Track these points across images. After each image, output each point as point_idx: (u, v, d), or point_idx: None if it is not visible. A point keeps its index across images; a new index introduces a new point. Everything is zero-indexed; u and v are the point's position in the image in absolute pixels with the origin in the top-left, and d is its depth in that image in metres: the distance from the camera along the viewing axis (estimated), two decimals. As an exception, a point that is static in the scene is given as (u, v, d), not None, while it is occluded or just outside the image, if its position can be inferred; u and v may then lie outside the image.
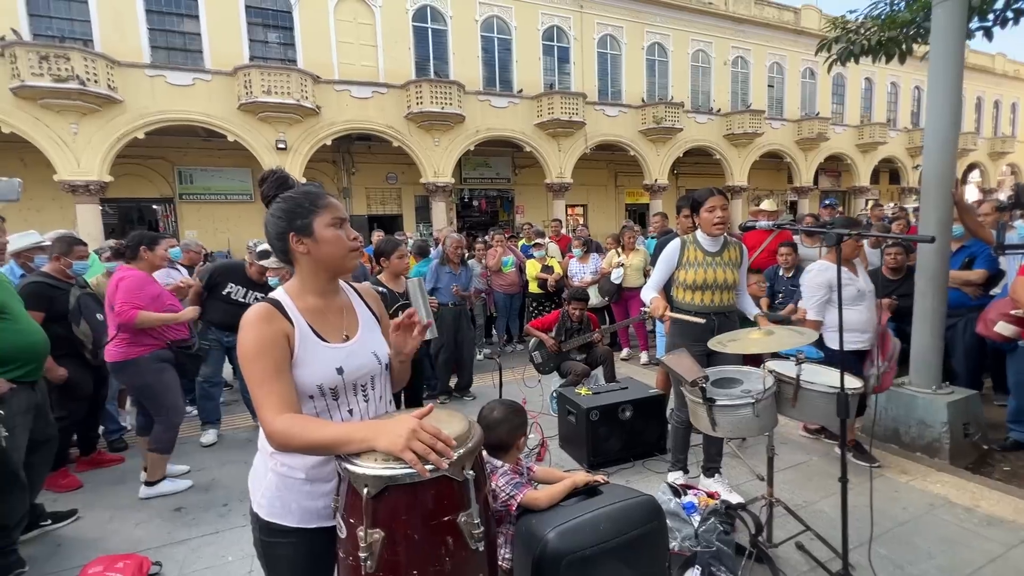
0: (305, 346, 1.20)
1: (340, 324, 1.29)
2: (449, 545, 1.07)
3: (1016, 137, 27.84)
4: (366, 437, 1.06)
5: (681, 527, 2.23)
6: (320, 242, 1.21)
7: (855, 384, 2.20)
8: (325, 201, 1.22)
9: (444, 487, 1.07)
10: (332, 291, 1.30)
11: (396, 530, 1.04)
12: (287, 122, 13.01)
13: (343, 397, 1.23)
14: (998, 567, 2.23)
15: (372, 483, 1.03)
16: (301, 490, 1.21)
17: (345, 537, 1.11)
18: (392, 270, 3.26)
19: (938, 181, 3.25)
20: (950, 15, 3.08)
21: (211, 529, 2.79)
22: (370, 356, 1.28)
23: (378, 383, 1.31)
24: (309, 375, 1.18)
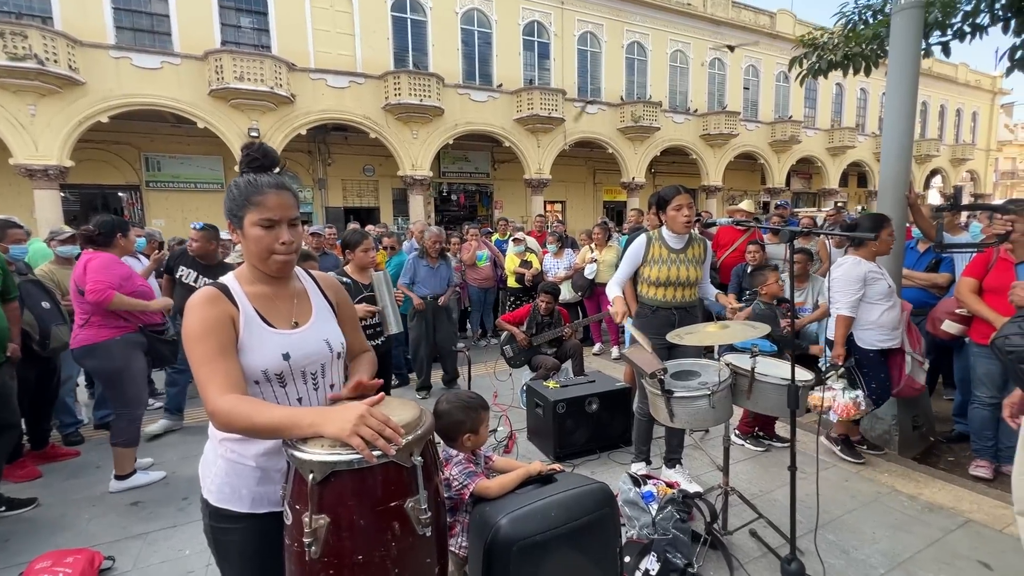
0: (250, 330, 1.19)
1: (290, 311, 1.27)
2: (395, 531, 1.08)
3: (976, 144, 29.04)
4: (314, 422, 1.06)
5: (639, 516, 2.28)
6: (246, 237, 1.20)
7: (806, 377, 2.28)
8: (259, 198, 1.18)
9: (391, 473, 1.08)
10: (282, 280, 1.29)
11: (342, 516, 1.05)
12: (260, 110, 12.70)
13: (291, 384, 1.23)
14: (936, 550, 2.35)
15: (318, 469, 1.04)
16: (251, 476, 1.21)
17: (291, 523, 1.10)
18: (357, 263, 3.22)
19: (894, 184, 3.38)
20: (907, 24, 3.19)
21: (169, 523, 2.74)
22: (320, 344, 1.27)
23: (329, 372, 1.30)
24: (254, 360, 1.18)
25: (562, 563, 1.42)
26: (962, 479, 3.03)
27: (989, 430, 3.04)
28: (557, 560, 1.40)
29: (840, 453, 3.25)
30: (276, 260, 1.22)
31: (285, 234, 1.21)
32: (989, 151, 30.38)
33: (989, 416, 3.01)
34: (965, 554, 2.32)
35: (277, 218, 1.19)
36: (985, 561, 2.26)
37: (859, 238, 2.91)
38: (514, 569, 1.35)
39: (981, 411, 3.06)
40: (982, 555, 2.30)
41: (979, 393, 3.05)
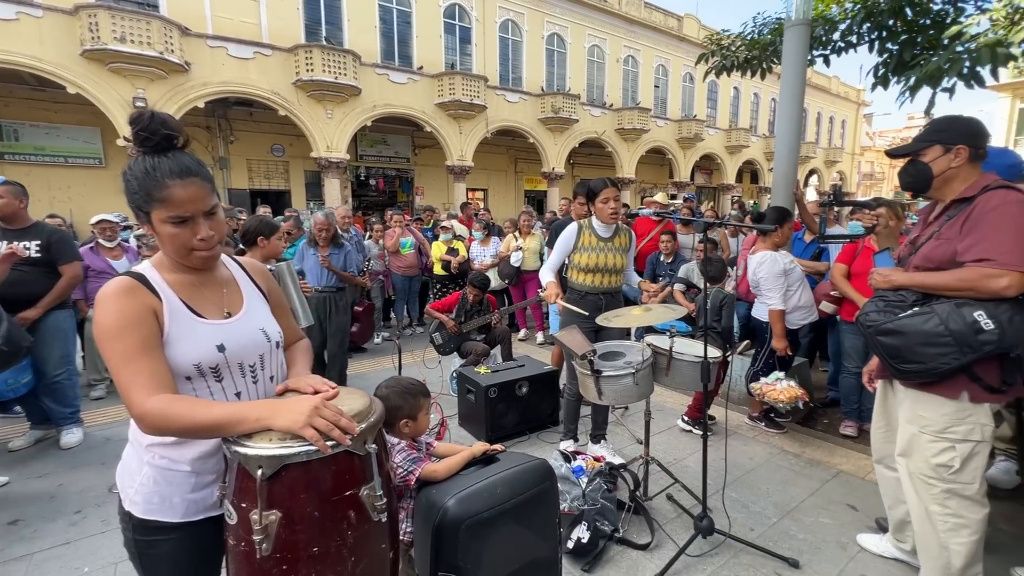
0: (177, 322, 1.10)
1: (220, 299, 1.19)
2: (351, 519, 1.08)
3: (844, 148, 33.21)
4: (262, 416, 1.02)
5: (571, 489, 2.43)
6: (158, 234, 1.10)
7: (716, 354, 2.54)
8: (163, 193, 1.05)
9: (346, 462, 1.07)
10: (207, 268, 1.20)
11: (295, 509, 1.03)
12: (147, 77, 11.30)
13: (228, 378, 1.15)
14: (816, 498, 2.75)
15: (267, 463, 1.00)
16: (185, 482, 1.13)
17: (236, 523, 1.06)
18: (270, 252, 3.01)
19: (784, 181, 3.81)
20: (796, 38, 3.60)
21: (60, 540, 2.45)
22: (257, 333, 1.21)
23: (269, 363, 1.24)
24: (183, 353, 1.09)
25: (508, 537, 1.49)
26: (834, 438, 3.54)
27: (855, 395, 3.57)
28: (503, 534, 1.47)
29: (765, 428, 3.65)
30: (198, 256, 1.12)
31: (203, 229, 1.09)
32: (854, 155, 34.88)
33: (855, 383, 3.54)
34: (838, 499, 2.74)
35: (189, 214, 1.07)
36: (853, 504, 2.69)
37: (763, 229, 3.26)
38: (462, 546, 1.40)
39: (848, 379, 3.58)
40: (850, 499, 2.74)
41: (847, 364, 3.57)
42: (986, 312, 1.63)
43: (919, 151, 1.82)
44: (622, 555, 2.29)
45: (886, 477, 2.18)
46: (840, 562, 2.25)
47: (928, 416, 1.82)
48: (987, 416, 1.75)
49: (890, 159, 2.07)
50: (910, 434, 1.88)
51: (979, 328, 1.63)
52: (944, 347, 1.69)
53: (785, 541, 2.39)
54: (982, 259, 1.63)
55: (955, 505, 1.80)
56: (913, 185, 1.86)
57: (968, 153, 1.75)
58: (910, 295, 1.82)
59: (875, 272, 1.97)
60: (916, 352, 1.74)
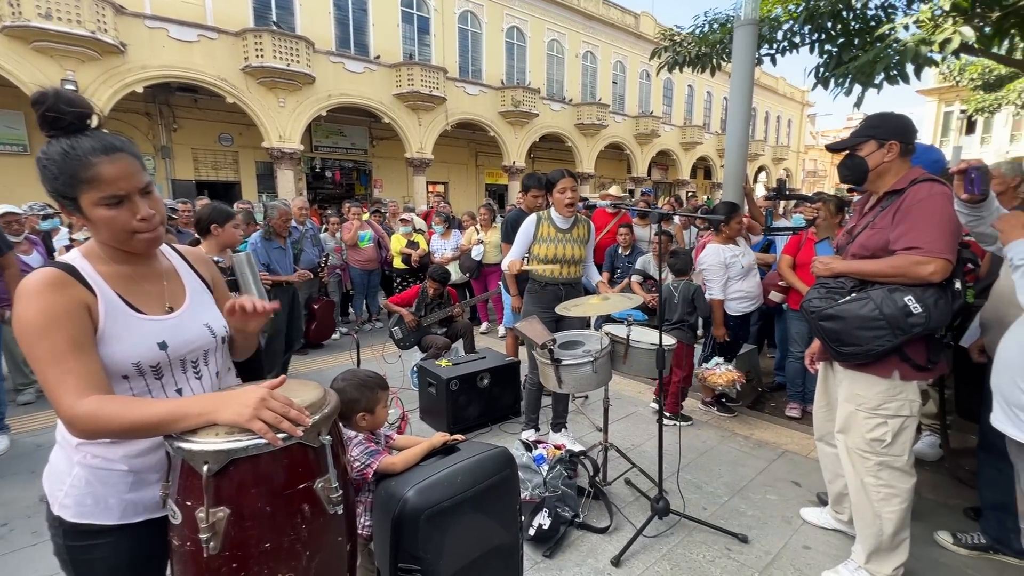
0: (114, 319, 1.02)
1: (160, 293, 1.12)
2: (305, 513, 1.05)
3: (790, 147, 34.86)
4: (205, 410, 0.97)
5: (532, 477, 2.45)
6: (91, 220, 1.00)
7: (671, 342, 2.62)
8: (89, 173, 0.95)
9: (299, 455, 1.04)
10: (144, 259, 1.12)
11: (244, 505, 0.99)
12: (77, 58, 10.50)
13: (168, 376, 1.09)
14: (763, 477, 2.90)
15: (213, 459, 0.96)
16: (121, 482, 1.05)
17: (180, 522, 1.01)
18: (225, 241, 2.88)
19: (734, 175, 3.96)
20: (745, 37, 3.73)
21: (-15, 555, 2.26)
22: (202, 329, 1.15)
23: (213, 359, 1.17)
24: (122, 352, 1.02)
25: (469, 525, 1.49)
26: (781, 419, 3.73)
27: (800, 379, 3.77)
28: (464, 523, 1.47)
29: (717, 412, 3.79)
30: (142, 240, 1.04)
31: (142, 207, 1.01)
32: (799, 153, 36.70)
33: (800, 368, 3.73)
34: (783, 477, 2.89)
35: (124, 192, 0.99)
36: (796, 481, 2.85)
37: (713, 220, 3.39)
38: (423, 537, 1.39)
39: (794, 363, 3.77)
40: (795, 476, 2.89)
41: (793, 349, 3.76)
42: (915, 297, 1.75)
43: (856, 146, 1.93)
44: (582, 539, 2.34)
45: (826, 453, 2.31)
46: (785, 535, 2.38)
47: (864, 394, 1.94)
48: (915, 393, 1.89)
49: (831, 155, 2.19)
50: (848, 412, 2.01)
51: (909, 312, 1.75)
52: (879, 330, 1.80)
53: (735, 518, 2.50)
54: (911, 247, 1.75)
55: (887, 476, 1.93)
56: (851, 178, 1.97)
57: (899, 148, 1.86)
58: (848, 282, 1.93)
59: (817, 260, 2.08)
60: (854, 335, 1.85)
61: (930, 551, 2.23)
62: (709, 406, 3.83)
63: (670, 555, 2.23)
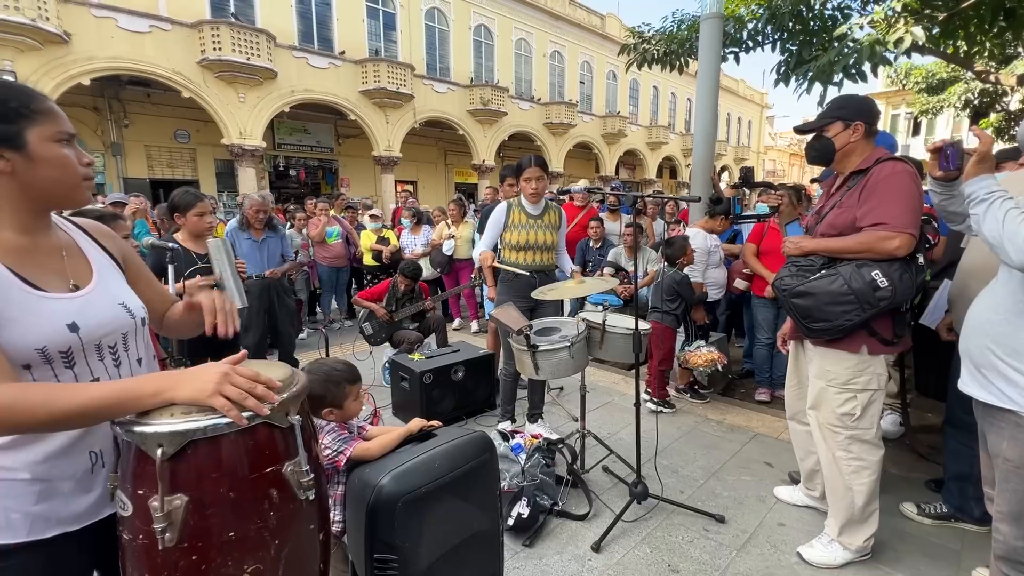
0: (8, 299, 0.87)
1: (62, 269, 0.98)
2: (273, 499, 0.97)
3: (751, 147, 36.04)
4: (160, 388, 0.88)
5: (510, 467, 2.41)
6: (37, 161, 0.90)
7: (645, 327, 2.62)
8: (46, 105, 0.92)
9: (266, 435, 0.96)
10: (43, 227, 0.98)
11: (206, 490, 0.90)
12: (16, 47, 9.86)
13: (82, 363, 0.96)
14: (737, 459, 2.94)
15: (169, 441, 0.87)
16: (26, 493, 0.90)
17: (131, 514, 0.91)
18: (191, 229, 2.73)
19: (703, 165, 4.03)
20: (711, 29, 3.81)
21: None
22: (117, 309, 1.02)
23: (133, 343, 1.05)
24: (21, 336, 0.87)
25: (448, 511, 1.43)
26: (751, 404, 3.81)
27: (767, 364, 3.86)
28: (443, 509, 1.41)
29: (690, 399, 3.83)
30: (86, 187, 0.98)
31: (82, 152, 0.98)
32: (759, 153, 37.97)
33: (767, 354, 3.82)
34: (756, 458, 2.94)
35: (74, 132, 0.97)
36: (769, 461, 2.91)
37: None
38: (400, 524, 1.32)
39: (761, 349, 3.86)
40: (767, 457, 2.95)
41: (759, 335, 3.85)
42: (881, 271, 1.80)
43: (823, 127, 1.97)
44: (562, 527, 2.31)
45: (798, 431, 2.36)
46: (760, 513, 2.41)
47: (834, 370, 1.98)
48: (883, 367, 1.94)
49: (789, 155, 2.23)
50: (819, 388, 2.05)
51: (876, 286, 1.80)
52: (847, 305, 1.84)
53: (712, 500, 2.53)
54: (877, 223, 1.80)
55: (857, 449, 1.98)
56: (818, 158, 2.01)
57: (864, 129, 1.91)
58: (818, 260, 1.97)
59: (787, 240, 2.11)
60: (824, 311, 1.89)
61: (896, 522, 2.30)
62: (683, 393, 3.88)
63: (649, 538, 2.23)
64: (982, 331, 1.48)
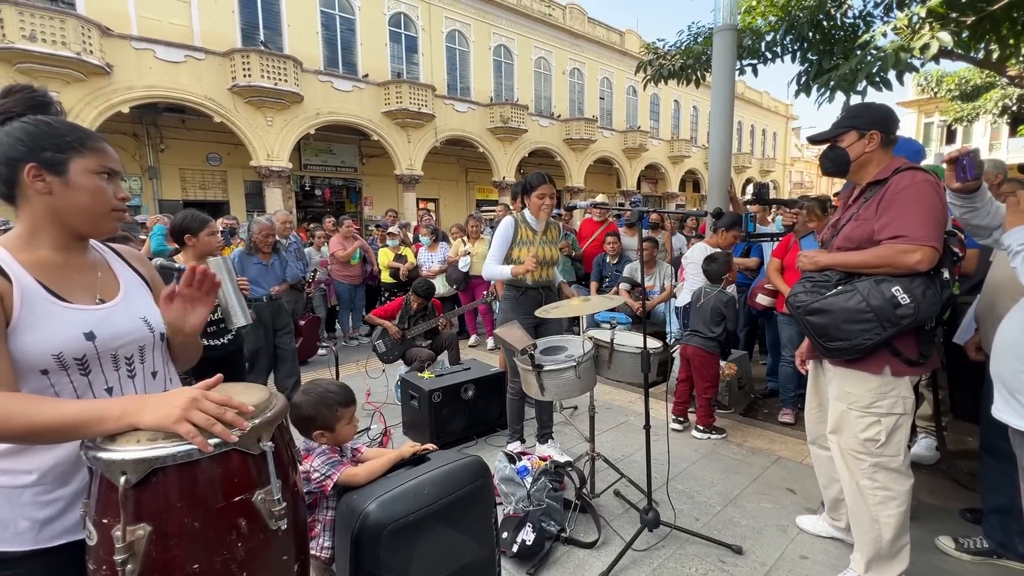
0: (32, 307, 0.94)
1: (92, 284, 1.04)
2: (242, 529, 0.94)
3: (776, 159, 35.38)
4: (126, 411, 0.87)
5: (515, 491, 2.34)
6: (73, 188, 0.98)
7: (656, 345, 2.53)
8: (97, 144, 1.01)
9: (234, 463, 0.93)
10: (78, 248, 1.06)
11: (169, 520, 0.88)
12: (63, 79, 10.46)
13: (97, 372, 0.99)
14: (757, 484, 2.79)
15: (132, 468, 0.85)
16: (33, 500, 0.93)
17: (96, 543, 0.89)
18: (201, 249, 2.78)
19: (719, 178, 3.93)
20: (725, 41, 3.75)
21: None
22: (137, 322, 1.06)
23: (150, 356, 1.08)
24: (39, 342, 0.93)
25: (437, 541, 1.38)
26: (774, 425, 3.64)
27: (792, 383, 3.68)
28: (432, 538, 1.36)
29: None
30: (114, 218, 1.05)
31: (120, 187, 1.06)
32: (785, 165, 37.23)
33: (793, 372, 3.63)
34: (778, 484, 2.79)
35: (117, 169, 1.05)
36: (791, 488, 2.75)
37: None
38: (385, 554, 1.27)
39: (786, 368, 3.69)
40: (789, 483, 2.79)
41: (785, 353, 3.68)
42: (902, 287, 1.69)
43: (837, 137, 1.89)
44: (569, 555, 2.22)
45: (820, 456, 2.22)
46: (781, 544, 2.27)
47: (855, 392, 1.86)
48: (908, 389, 1.81)
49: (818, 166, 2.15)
50: (839, 411, 1.92)
51: (897, 303, 1.69)
52: (866, 323, 1.73)
53: (729, 528, 2.39)
54: (896, 236, 1.69)
55: (883, 478, 1.84)
56: (833, 169, 1.92)
57: (880, 138, 1.82)
58: (835, 275, 1.86)
59: (802, 255, 2.01)
60: (841, 329, 1.78)
61: (931, 557, 2.13)
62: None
63: (661, 569, 2.12)
64: (1012, 353, 1.36)
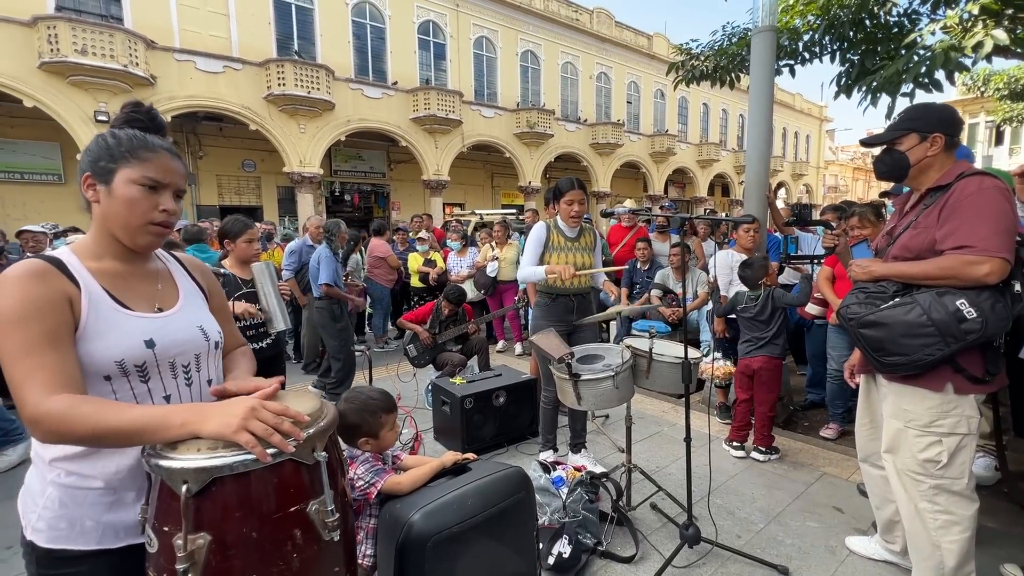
0: (98, 313, 0.96)
1: (152, 293, 1.07)
2: (297, 540, 0.95)
3: (809, 162, 34.40)
4: (187, 420, 0.89)
5: (551, 501, 2.30)
6: (113, 198, 0.98)
7: (696, 355, 2.47)
8: (146, 154, 1.00)
9: (290, 473, 0.94)
10: (140, 258, 1.08)
11: (228, 530, 0.89)
12: (110, 91, 10.97)
13: (156, 379, 1.01)
14: (801, 502, 2.68)
15: (193, 478, 0.86)
16: (99, 502, 0.96)
17: (157, 551, 0.91)
18: (238, 255, 2.85)
19: (756, 183, 3.83)
20: (764, 43, 3.65)
21: (-13, 580, 2.20)
22: (194, 330, 1.08)
23: (206, 364, 1.10)
24: (104, 348, 0.95)
25: (480, 553, 1.36)
26: (816, 440, 3.50)
27: (841, 398, 3.53)
28: (475, 550, 1.34)
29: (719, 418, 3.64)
30: (150, 232, 1.01)
31: (169, 201, 1.03)
32: (819, 168, 36.16)
33: (841, 386, 3.48)
34: (823, 502, 2.67)
35: (165, 181, 1.01)
36: (839, 507, 2.63)
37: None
38: (430, 566, 1.26)
39: (834, 382, 3.53)
40: (835, 501, 2.67)
41: (835, 366, 3.52)
42: (968, 300, 1.59)
43: (895, 140, 1.80)
44: (606, 569, 2.17)
45: (872, 476, 2.12)
46: (830, 567, 2.17)
47: (913, 410, 1.77)
48: (973, 408, 1.71)
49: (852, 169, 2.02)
50: (895, 429, 1.83)
51: (962, 317, 1.59)
52: (927, 338, 1.64)
53: (773, 547, 2.30)
54: (962, 246, 1.60)
55: (944, 501, 1.74)
56: (888, 174, 1.84)
57: (944, 141, 1.73)
58: (891, 286, 1.78)
59: (854, 264, 1.93)
60: (899, 344, 1.69)
61: (996, 587, 2.00)
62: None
63: (702, 588, 2.05)
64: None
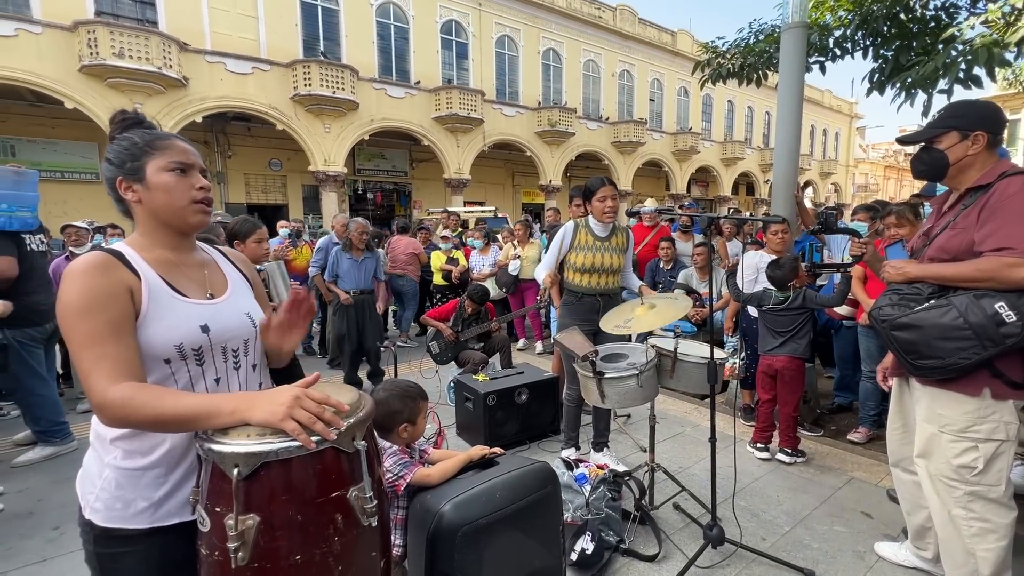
0: (158, 300, 1.02)
1: (202, 280, 1.13)
2: (338, 524, 0.99)
3: (838, 160, 33.49)
4: (237, 408, 0.94)
5: (574, 498, 2.32)
6: (152, 189, 1.04)
7: (722, 355, 2.45)
8: (165, 143, 1.06)
9: (332, 460, 0.98)
10: (186, 247, 1.14)
11: (275, 513, 0.93)
12: (145, 92, 11.34)
13: (209, 363, 1.07)
14: (828, 505, 2.64)
15: (244, 462, 0.91)
16: (153, 483, 1.02)
17: (209, 530, 0.96)
18: (249, 255, 2.91)
19: (784, 182, 3.77)
20: (794, 40, 3.59)
21: (36, 557, 2.32)
22: (242, 317, 1.14)
23: (252, 349, 1.17)
24: (164, 332, 1.01)
25: (508, 545, 1.39)
26: (844, 443, 3.43)
27: (873, 400, 3.45)
28: (503, 542, 1.37)
29: (743, 419, 3.62)
30: (196, 210, 1.08)
31: (200, 178, 1.09)
32: (848, 167, 35.18)
33: (874, 388, 3.41)
34: (851, 507, 2.63)
35: (190, 162, 1.08)
36: (867, 511, 2.58)
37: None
38: (459, 556, 1.30)
39: (867, 384, 3.45)
40: (864, 506, 2.63)
41: (866, 368, 3.44)
42: (1007, 303, 1.56)
43: (934, 138, 1.76)
44: (628, 567, 2.18)
45: (904, 481, 2.08)
46: (858, 572, 2.14)
47: (948, 415, 1.73)
48: (1011, 414, 1.67)
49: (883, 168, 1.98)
50: (929, 434, 1.79)
51: (1000, 320, 1.56)
52: (963, 341, 1.61)
53: (799, 551, 2.28)
54: (1002, 248, 1.56)
55: (980, 508, 1.70)
56: (927, 173, 1.80)
57: (986, 139, 1.69)
58: (926, 287, 1.74)
59: (887, 265, 1.89)
60: (934, 347, 1.66)
61: (1034, 598, 1.95)
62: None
63: (727, 589, 2.04)
64: None
